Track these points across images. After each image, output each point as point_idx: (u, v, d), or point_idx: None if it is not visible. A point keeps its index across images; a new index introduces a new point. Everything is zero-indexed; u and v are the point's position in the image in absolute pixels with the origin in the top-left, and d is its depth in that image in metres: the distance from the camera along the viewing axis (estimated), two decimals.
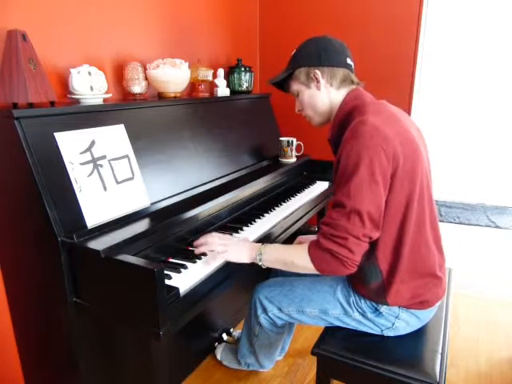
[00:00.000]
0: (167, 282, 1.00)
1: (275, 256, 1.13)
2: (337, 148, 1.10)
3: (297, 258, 1.07)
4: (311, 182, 1.99)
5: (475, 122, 3.79)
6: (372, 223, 0.98)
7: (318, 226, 1.10)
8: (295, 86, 1.18)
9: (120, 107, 1.30)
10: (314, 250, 1.03)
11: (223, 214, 1.45)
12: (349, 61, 1.15)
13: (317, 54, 1.12)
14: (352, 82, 1.15)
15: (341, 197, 0.99)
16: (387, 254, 1.06)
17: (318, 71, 1.12)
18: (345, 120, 1.10)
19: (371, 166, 0.95)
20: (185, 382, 1.60)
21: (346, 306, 1.18)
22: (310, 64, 1.13)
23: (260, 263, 1.13)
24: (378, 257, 1.07)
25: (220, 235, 1.19)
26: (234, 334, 1.82)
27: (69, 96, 1.32)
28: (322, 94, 1.15)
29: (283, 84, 1.23)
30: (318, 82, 1.13)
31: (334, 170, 1.07)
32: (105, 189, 1.14)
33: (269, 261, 1.13)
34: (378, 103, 1.11)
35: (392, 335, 1.16)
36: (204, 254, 1.17)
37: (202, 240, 1.17)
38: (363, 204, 0.96)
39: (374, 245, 1.06)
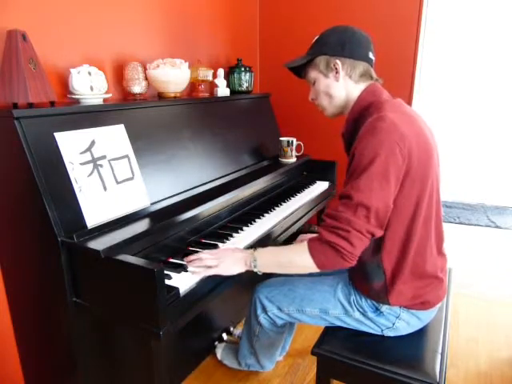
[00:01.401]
0: (167, 282, 1.00)
1: (270, 259, 1.10)
2: (349, 143, 1.09)
3: (294, 256, 1.04)
4: (311, 181, 1.99)
5: (475, 123, 3.80)
6: (377, 220, 0.96)
7: (320, 222, 1.07)
8: (313, 74, 1.15)
9: (120, 107, 1.30)
10: (314, 242, 1.01)
11: (223, 214, 1.45)
12: (371, 55, 1.12)
13: (340, 44, 1.09)
14: (371, 78, 1.13)
15: (349, 190, 0.97)
16: (393, 254, 1.06)
17: (338, 61, 1.09)
18: (361, 115, 1.08)
19: (386, 163, 0.94)
20: (185, 381, 1.60)
21: (347, 305, 1.18)
22: (331, 53, 1.10)
23: (256, 270, 1.10)
24: (383, 257, 1.06)
25: (210, 251, 1.16)
26: (234, 332, 1.82)
27: (69, 96, 1.32)
28: (340, 86, 1.12)
29: (299, 70, 1.19)
30: (337, 72, 1.10)
31: (347, 165, 1.04)
32: (105, 189, 1.14)
33: (264, 265, 1.09)
34: (394, 101, 1.09)
35: (392, 335, 1.16)
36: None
37: (193, 256, 1.13)
38: (371, 199, 0.94)
39: (379, 245, 1.06)
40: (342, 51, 1.09)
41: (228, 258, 1.12)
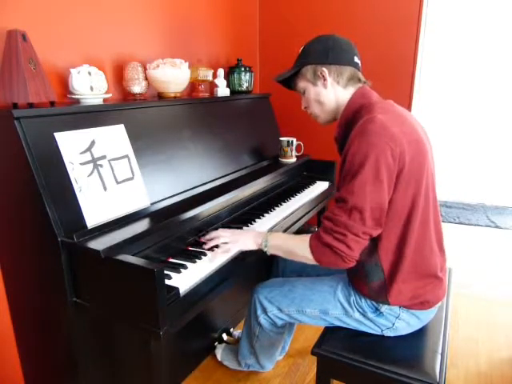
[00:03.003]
0: (167, 282, 1.00)
1: (279, 244, 1.17)
2: (342, 147, 1.10)
3: (298, 248, 1.11)
4: (311, 181, 1.99)
5: (475, 122, 3.80)
6: (373, 221, 0.99)
7: (319, 223, 1.10)
8: (302, 84, 1.18)
9: (120, 107, 1.30)
10: (315, 242, 1.06)
11: (223, 214, 1.45)
12: (356, 59, 1.14)
13: (324, 52, 1.12)
14: (359, 81, 1.15)
15: (344, 193, 1.00)
16: (390, 253, 1.07)
17: (325, 69, 1.12)
18: (352, 118, 1.10)
19: (377, 164, 0.95)
20: (185, 382, 1.60)
21: (347, 305, 1.18)
22: (317, 62, 1.13)
23: (265, 249, 1.18)
24: (381, 255, 1.07)
25: (226, 229, 1.26)
26: (234, 333, 1.82)
27: (69, 96, 1.32)
28: (329, 92, 1.14)
29: (289, 82, 1.22)
30: (324, 79, 1.13)
31: (339, 167, 1.07)
32: (105, 189, 1.14)
33: (273, 247, 1.17)
34: (385, 102, 1.10)
35: (392, 335, 1.16)
36: (216, 246, 1.20)
37: (211, 235, 1.22)
38: (366, 201, 0.97)
39: (377, 243, 1.06)
40: (327, 58, 1.12)
41: (243, 235, 1.22)
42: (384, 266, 1.08)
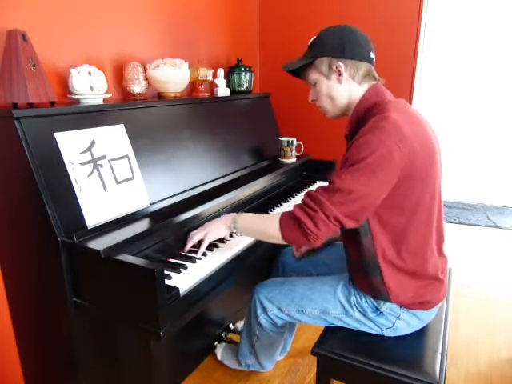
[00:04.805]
0: (167, 282, 1.00)
1: (248, 224, 1.16)
2: None
3: (267, 224, 1.09)
4: (311, 182, 1.99)
5: (475, 123, 3.80)
6: (351, 212, 0.96)
7: None
8: (314, 76, 1.12)
9: (120, 107, 1.30)
10: (285, 216, 1.05)
11: (223, 214, 1.45)
12: (372, 54, 1.11)
13: (341, 45, 1.06)
14: (373, 78, 1.11)
15: (335, 177, 0.98)
16: (388, 252, 1.06)
17: (341, 63, 1.07)
18: (363, 116, 1.07)
19: (379, 162, 0.94)
20: (185, 382, 1.60)
21: (347, 305, 1.18)
22: (332, 55, 1.07)
23: (234, 231, 1.18)
24: (377, 253, 1.06)
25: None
26: (236, 325, 1.82)
27: (69, 96, 1.32)
28: (343, 88, 1.10)
29: (298, 71, 1.17)
30: (340, 74, 1.08)
31: (343, 156, 1.04)
32: (105, 189, 1.14)
33: (242, 229, 1.16)
34: (398, 102, 1.07)
35: (392, 335, 1.16)
36: (204, 254, 1.19)
37: (187, 241, 1.22)
38: (352, 189, 0.95)
39: (372, 239, 1.05)
40: (343, 52, 1.07)
41: (212, 224, 1.22)
42: (381, 262, 1.07)
